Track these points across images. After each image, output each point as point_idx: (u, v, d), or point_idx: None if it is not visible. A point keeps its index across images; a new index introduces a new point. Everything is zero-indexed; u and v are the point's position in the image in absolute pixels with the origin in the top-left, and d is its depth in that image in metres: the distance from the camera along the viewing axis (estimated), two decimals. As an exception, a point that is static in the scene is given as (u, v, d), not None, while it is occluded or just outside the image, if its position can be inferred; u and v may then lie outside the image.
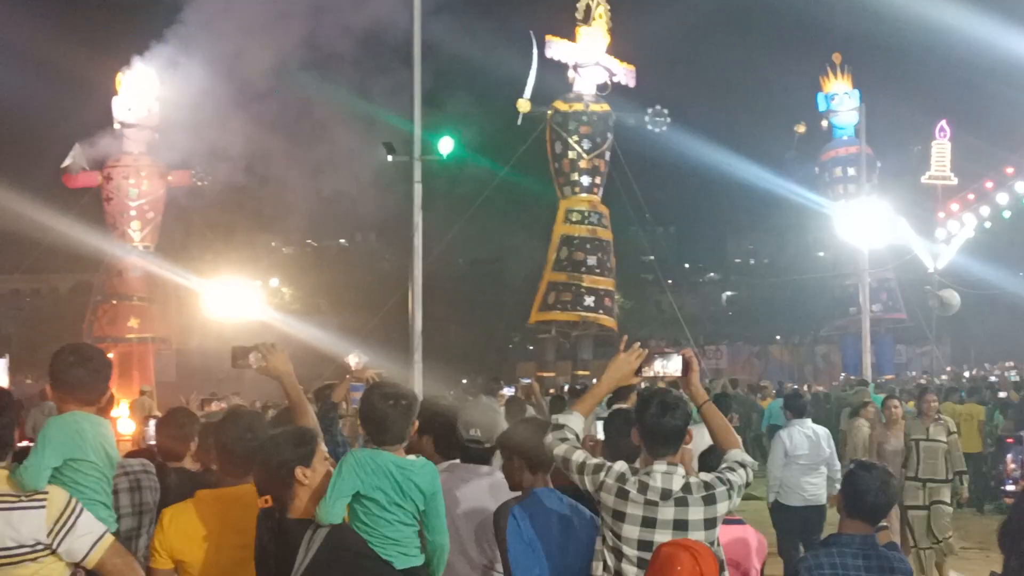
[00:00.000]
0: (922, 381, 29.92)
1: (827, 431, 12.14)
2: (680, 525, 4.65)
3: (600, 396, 5.34)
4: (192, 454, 6.35)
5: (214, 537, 4.73)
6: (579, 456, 4.90)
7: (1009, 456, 6.00)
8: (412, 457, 4.81)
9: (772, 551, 11.26)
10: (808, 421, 12.01)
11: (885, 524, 5.16)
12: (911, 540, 12.33)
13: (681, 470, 4.77)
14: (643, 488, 4.69)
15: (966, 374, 39.91)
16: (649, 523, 4.64)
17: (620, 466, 4.78)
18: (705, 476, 4.80)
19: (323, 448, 4.83)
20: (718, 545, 4.81)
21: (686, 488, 4.70)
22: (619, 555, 4.69)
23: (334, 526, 4.48)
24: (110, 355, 6.27)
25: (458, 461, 5.61)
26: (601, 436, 6.23)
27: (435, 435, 5.67)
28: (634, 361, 5.12)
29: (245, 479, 4.85)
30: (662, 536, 4.62)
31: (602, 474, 4.78)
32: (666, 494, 4.67)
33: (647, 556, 4.58)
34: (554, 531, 5.04)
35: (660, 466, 4.75)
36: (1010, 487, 5.26)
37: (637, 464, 5.08)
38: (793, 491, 11.67)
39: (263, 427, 5.23)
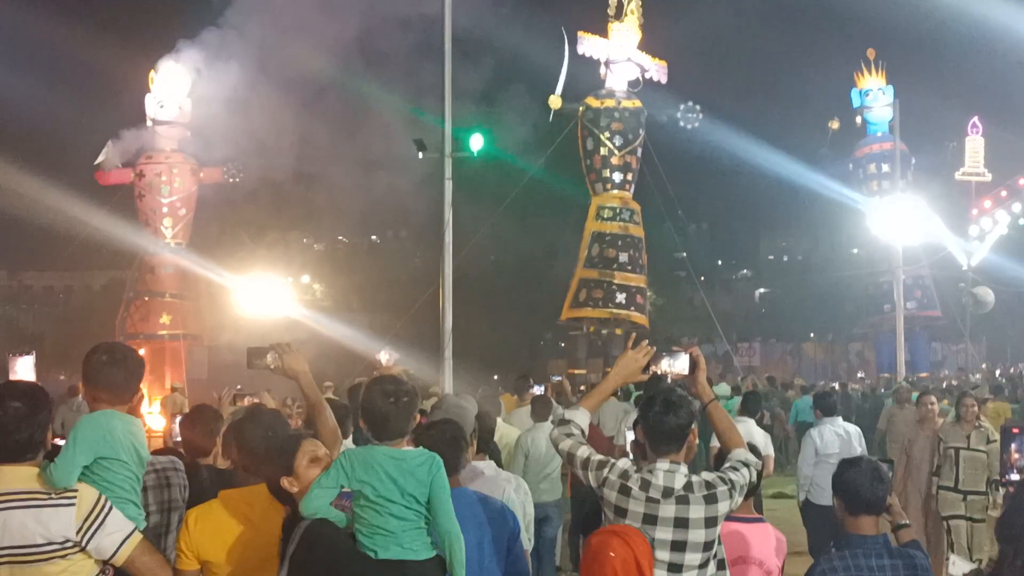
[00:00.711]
0: (954, 382, 29.69)
1: (858, 429, 12.04)
2: (680, 523, 4.66)
3: (606, 393, 5.41)
4: (220, 451, 6.35)
5: (240, 537, 4.72)
6: (583, 452, 4.95)
7: (1014, 446, 5.97)
8: (410, 448, 4.77)
9: (802, 550, 11.20)
10: (839, 419, 11.93)
11: (907, 522, 5.09)
12: (950, 548, 11.28)
13: (684, 468, 4.79)
14: (645, 485, 4.71)
15: (997, 371, 39.58)
16: (650, 520, 4.66)
17: (623, 463, 4.83)
18: (707, 475, 4.81)
19: (311, 448, 4.86)
20: (719, 544, 4.84)
21: (688, 487, 4.71)
22: None
23: (313, 520, 4.49)
24: (141, 352, 6.24)
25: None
26: (628, 440, 6.20)
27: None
28: (642, 359, 5.17)
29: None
30: (663, 534, 4.64)
31: (605, 470, 4.81)
32: (667, 492, 4.69)
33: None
34: (470, 531, 5.00)
35: (663, 464, 4.76)
36: (1014, 476, 5.24)
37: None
38: (824, 490, 11.52)
39: (284, 425, 5.24)
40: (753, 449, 5.40)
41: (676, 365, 5.13)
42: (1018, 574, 3.77)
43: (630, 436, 6.28)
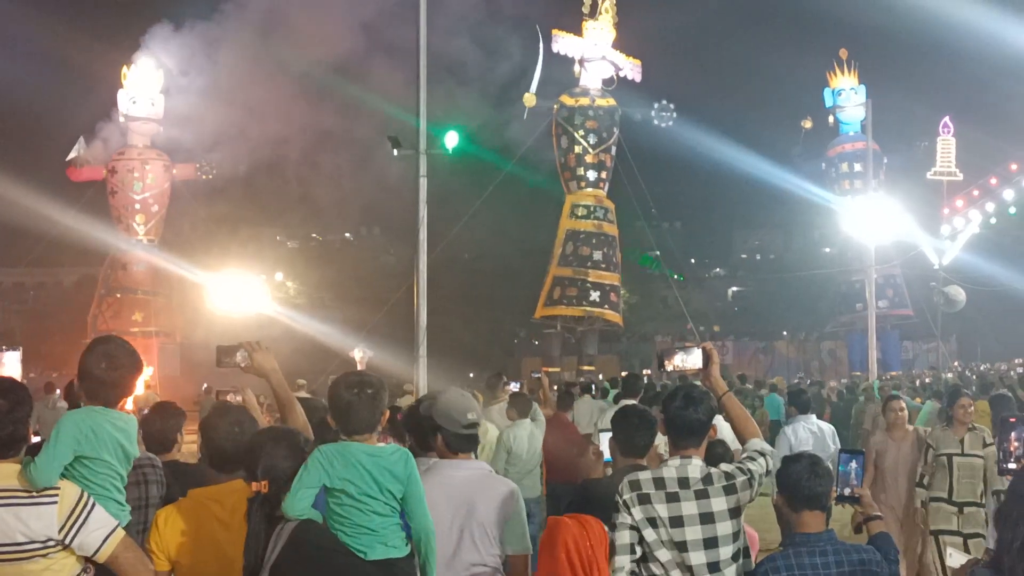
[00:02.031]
0: (927, 379, 29.82)
1: (832, 428, 12.04)
2: (707, 519, 4.65)
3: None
4: (181, 447, 6.32)
5: (211, 536, 4.67)
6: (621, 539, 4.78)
7: (1013, 435, 5.98)
8: (383, 444, 4.75)
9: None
10: (812, 417, 11.91)
11: (878, 514, 5.07)
12: (939, 570, 10.25)
13: (697, 460, 4.76)
14: (660, 483, 4.69)
15: (967, 370, 39.83)
16: (677, 522, 4.63)
17: (624, 484, 4.76)
18: (726, 467, 4.79)
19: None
20: (743, 532, 4.81)
21: (707, 479, 4.70)
22: (658, 565, 4.68)
23: (301, 521, 4.43)
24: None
25: (443, 460, 5.45)
26: (604, 446, 6.17)
27: (443, 432, 5.54)
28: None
29: (236, 474, 4.81)
30: (693, 534, 4.64)
31: (621, 512, 4.73)
32: (684, 483, 4.68)
33: (682, 559, 4.62)
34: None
35: (674, 461, 4.77)
36: (1012, 466, 5.28)
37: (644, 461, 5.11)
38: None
39: (251, 421, 5.19)
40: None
41: (689, 360, 5.18)
42: (1017, 560, 3.76)
43: (604, 437, 6.25)
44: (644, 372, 28.77)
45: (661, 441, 5.12)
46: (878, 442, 10.90)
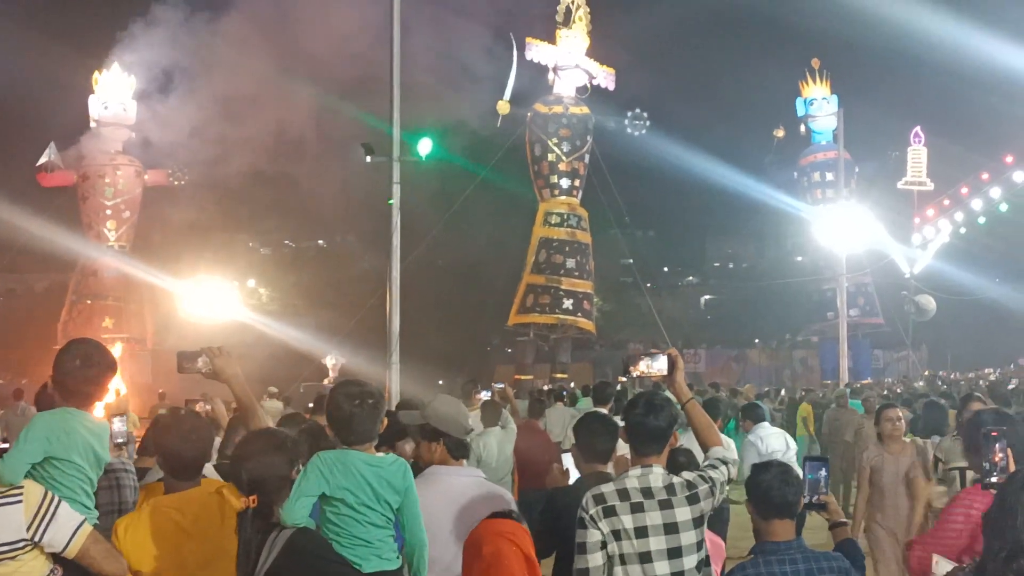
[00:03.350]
0: (897, 388, 29.95)
1: (787, 435, 12.10)
2: (671, 528, 4.62)
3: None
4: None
5: (172, 545, 4.62)
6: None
7: (997, 447, 5.89)
8: (382, 454, 4.74)
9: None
10: (766, 425, 11.96)
11: (844, 520, 5.07)
12: None
13: (658, 468, 4.74)
14: (624, 495, 4.65)
15: (938, 379, 40.06)
16: (642, 533, 4.60)
17: (588, 499, 4.69)
18: (688, 475, 4.76)
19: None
20: (705, 542, 4.80)
21: (670, 488, 4.67)
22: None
23: (296, 529, 4.38)
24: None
25: (441, 467, 5.42)
26: (569, 462, 6.15)
27: (447, 439, 5.45)
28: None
29: (195, 481, 4.79)
30: (657, 544, 4.60)
31: (588, 528, 4.65)
32: (647, 492, 4.65)
33: (645, 570, 4.58)
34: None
35: (635, 471, 4.74)
36: (995, 479, 5.22)
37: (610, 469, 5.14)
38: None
39: (206, 427, 5.15)
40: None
41: (655, 366, 5.19)
42: (1001, 569, 3.77)
43: (568, 456, 6.25)
44: (619, 380, 28.75)
45: (626, 449, 5.10)
46: (873, 457, 9.66)
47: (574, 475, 5.84)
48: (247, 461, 4.50)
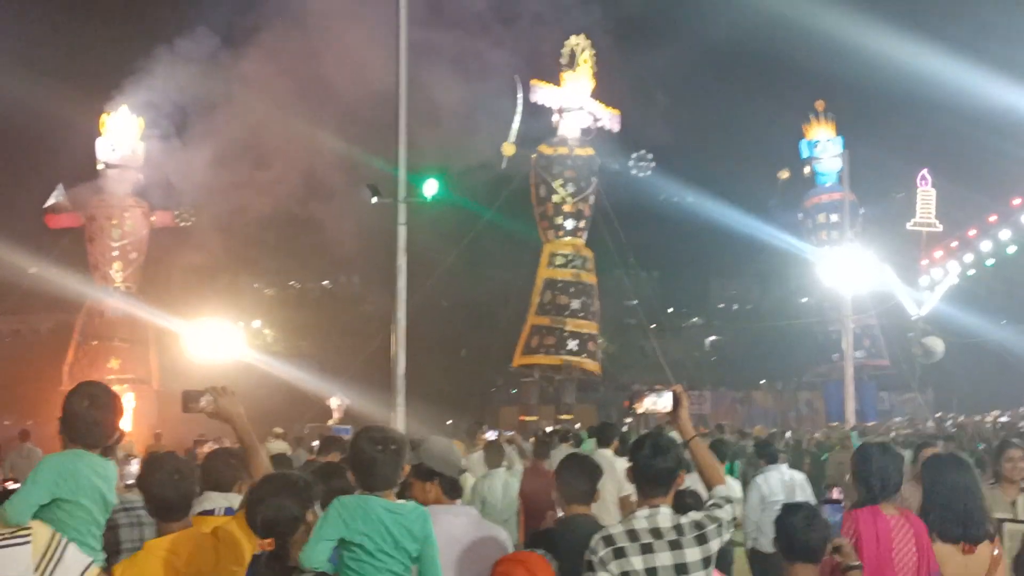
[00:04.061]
0: (904, 431, 29.79)
1: (804, 476, 12.00)
2: (681, 569, 4.61)
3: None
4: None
5: None
6: None
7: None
8: (403, 502, 4.74)
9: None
10: (783, 467, 11.88)
11: (858, 564, 5.01)
12: None
13: (665, 509, 4.74)
14: (633, 535, 4.64)
15: (948, 422, 39.87)
16: (652, 574, 4.58)
17: (597, 541, 4.68)
18: (695, 515, 4.77)
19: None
20: None
21: (678, 529, 4.67)
22: None
23: (315, 574, 4.38)
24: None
25: (438, 506, 5.41)
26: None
27: (442, 478, 5.46)
28: None
29: (185, 521, 4.78)
30: None
31: (597, 572, 4.63)
32: (656, 532, 4.64)
33: None
34: None
35: (643, 511, 4.74)
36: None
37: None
38: (770, 537, 11.43)
39: (189, 467, 5.16)
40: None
41: (660, 403, 5.20)
42: None
43: None
44: (626, 420, 28.68)
45: (631, 490, 5.10)
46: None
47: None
48: (261, 504, 4.49)
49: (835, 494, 5.66)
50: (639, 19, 40.27)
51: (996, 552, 5.87)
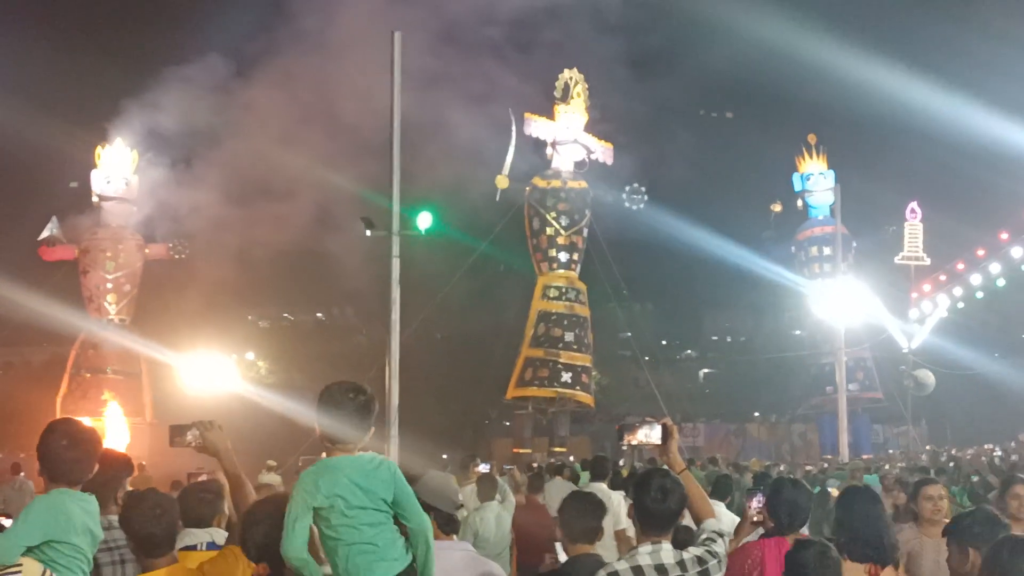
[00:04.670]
0: (899, 464, 29.80)
1: None
2: None
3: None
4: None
5: None
6: None
7: (754, 500, 5.90)
8: (363, 454, 4.69)
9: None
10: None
11: None
12: None
13: (667, 544, 4.80)
14: (638, 572, 4.70)
15: (943, 456, 39.87)
16: None
17: (602, 575, 4.76)
18: (695, 550, 4.83)
19: None
20: None
21: (681, 564, 4.72)
22: None
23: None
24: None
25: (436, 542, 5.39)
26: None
27: (437, 513, 5.45)
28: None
29: (170, 556, 4.81)
30: None
31: None
32: (661, 569, 4.69)
33: None
34: None
35: (645, 547, 4.78)
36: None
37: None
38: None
39: (170, 501, 5.18)
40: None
41: (652, 435, 5.25)
42: None
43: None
44: (622, 451, 28.66)
45: (627, 524, 5.16)
46: (908, 540, 7.92)
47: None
48: (254, 528, 4.52)
49: None
50: (631, 53, 40.52)
51: None
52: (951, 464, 28.76)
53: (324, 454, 4.73)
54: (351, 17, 38.38)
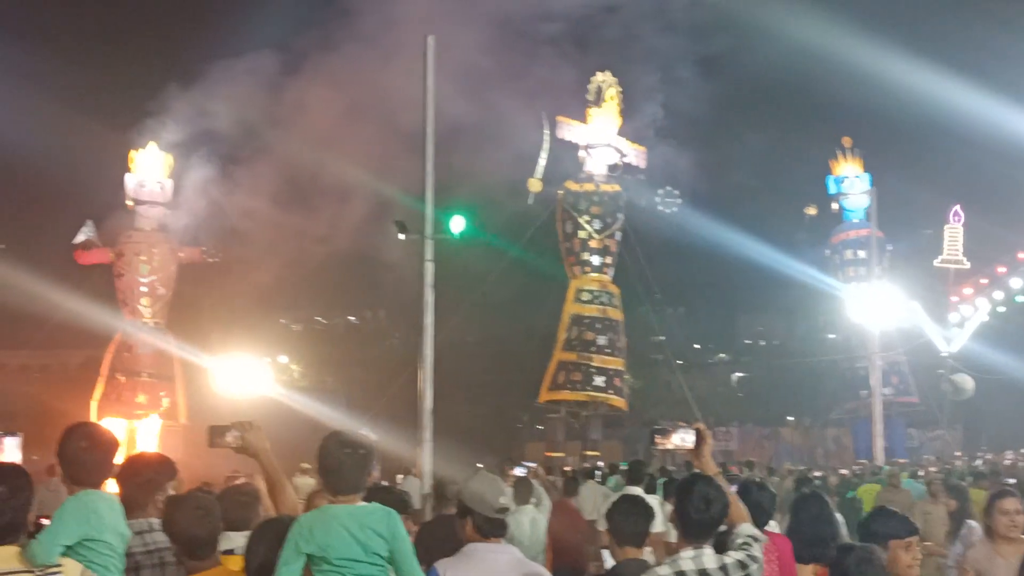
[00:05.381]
0: (932, 468, 29.54)
1: (840, 517, 11.80)
2: None
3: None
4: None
5: None
6: None
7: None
8: (364, 503, 4.69)
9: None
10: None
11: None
12: None
13: (708, 549, 4.82)
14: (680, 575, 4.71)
15: (978, 461, 39.50)
16: None
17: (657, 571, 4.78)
18: (735, 555, 4.84)
19: None
20: None
21: (724, 570, 4.73)
22: None
23: None
24: (118, 430, 6.18)
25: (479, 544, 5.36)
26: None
27: (474, 516, 5.43)
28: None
29: (214, 558, 4.80)
30: None
31: None
32: (703, 574, 4.70)
33: None
34: None
35: (687, 552, 4.79)
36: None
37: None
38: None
39: (211, 502, 5.17)
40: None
41: (686, 440, 5.32)
42: None
43: None
44: (653, 455, 28.54)
45: (662, 528, 5.17)
46: (979, 559, 7.36)
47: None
48: (258, 547, 4.52)
49: None
50: (664, 56, 40.35)
51: None
52: (984, 468, 28.49)
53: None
54: (384, 18, 38.49)
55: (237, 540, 5.62)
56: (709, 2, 43.21)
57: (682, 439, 5.32)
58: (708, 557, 4.74)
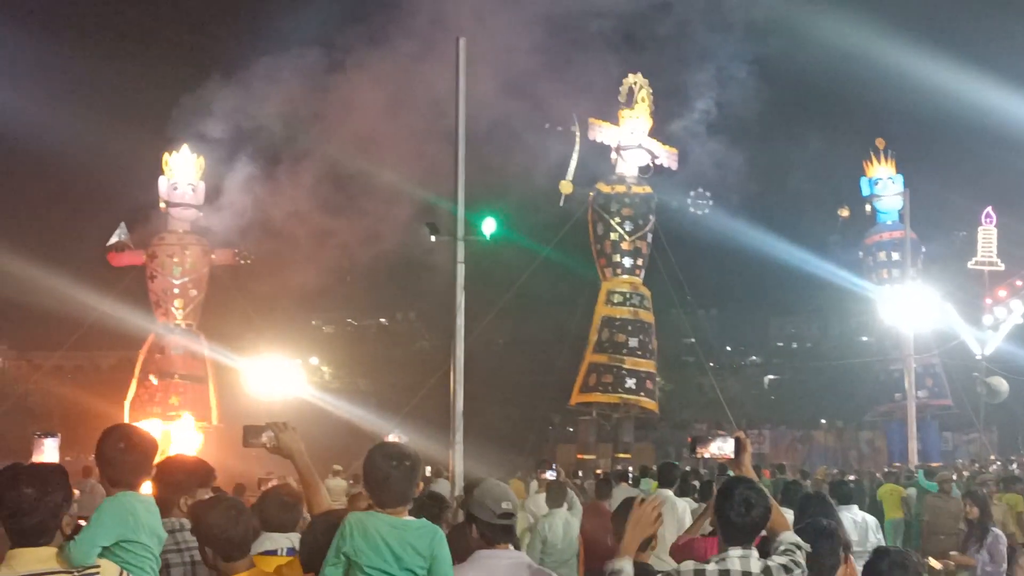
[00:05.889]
0: (964, 472, 29.30)
1: (876, 520, 11.71)
2: None
3: (631, 549, 5.15)
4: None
5: None
6: None
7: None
8: (411, 518, 4.68)
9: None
10: (855, 508, 11.60)
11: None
12: None
13: (755, 553, 4.80)
14: (725, 575, 4.70)
15: (1013, 465, 39.17)
16: None
17: (687, 566, 4.78)
18: (779, 559, 4.82)
19: None
20: None
21: (767, 572, 4.73)
22: None
23: None
24: (154, 431, 6.18)
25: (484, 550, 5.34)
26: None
27: (478, 522, 5.40)
28: (651, 514, 4.98)
29: (248, 559, 4.80)
30: None
31: None
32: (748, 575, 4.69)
33: None
34: None
35: (735, 551, 4.78)
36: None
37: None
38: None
39: (243, 505, 5.19)
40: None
41: (725, 448, 5.29)
42: None
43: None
44: (689, 460, 28.44)
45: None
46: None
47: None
48: (309, 536, 4.52)
49: None
50: (697, 58, 40.26)
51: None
52: (1018, 471, 28.22)
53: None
54: (415, 22, 38.56)
55: (280, 541, 5.63)
56: (739, 6, 43.01)
57: (719, 448, 5.30)
58: (754, 561, 4.73)
